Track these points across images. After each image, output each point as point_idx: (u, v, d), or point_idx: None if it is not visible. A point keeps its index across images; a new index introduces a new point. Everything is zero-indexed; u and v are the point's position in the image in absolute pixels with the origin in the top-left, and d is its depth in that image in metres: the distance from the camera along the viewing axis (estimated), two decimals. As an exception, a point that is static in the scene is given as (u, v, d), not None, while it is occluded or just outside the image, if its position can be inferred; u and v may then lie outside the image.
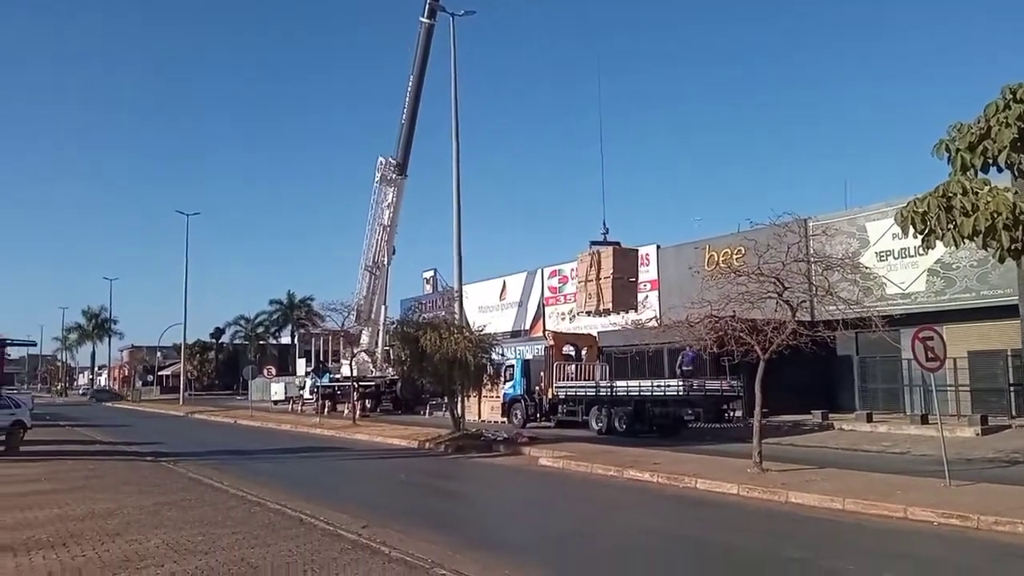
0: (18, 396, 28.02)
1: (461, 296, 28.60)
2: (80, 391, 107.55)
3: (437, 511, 13.16)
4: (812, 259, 15.80)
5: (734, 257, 29.04)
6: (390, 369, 37.33)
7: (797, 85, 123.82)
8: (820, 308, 17.43)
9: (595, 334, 32.26)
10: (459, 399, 25.09)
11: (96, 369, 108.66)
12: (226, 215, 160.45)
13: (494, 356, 25.77)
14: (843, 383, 29.13)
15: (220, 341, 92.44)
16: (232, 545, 8.95)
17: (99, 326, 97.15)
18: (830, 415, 25.95)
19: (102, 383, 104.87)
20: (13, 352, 39.13)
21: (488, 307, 48.46)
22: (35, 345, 64.56)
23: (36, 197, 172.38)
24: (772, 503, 12.30)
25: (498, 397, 30.99)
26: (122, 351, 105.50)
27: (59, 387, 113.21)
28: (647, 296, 35.82)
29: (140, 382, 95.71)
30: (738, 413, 24.71)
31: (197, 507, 11.83)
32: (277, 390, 56.22)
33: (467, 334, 23.71)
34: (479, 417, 31.19)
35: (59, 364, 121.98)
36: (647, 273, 37.44)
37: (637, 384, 25.61)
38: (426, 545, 9.20)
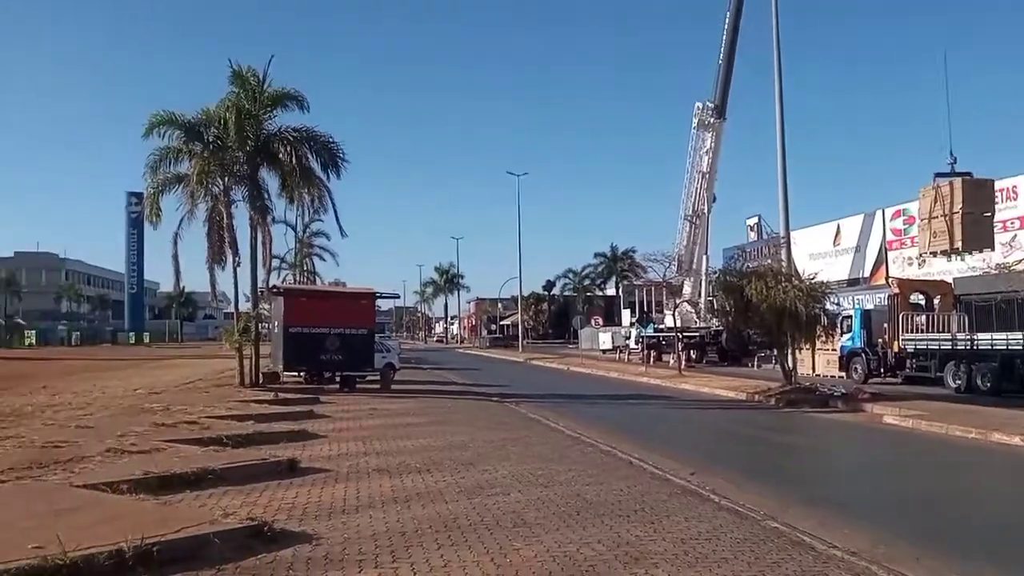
0: (388, 342, 32.42)
1: (789, 242, 27.08)
2: (435, 338, 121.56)
3: (767, 464, 12.77)
4: None
5: None
6: (714, 320, 36.72)
7: None
8: None
9: (950, 280, 28.64)
10: (789, 351, 23.90)
11: (448, 319, 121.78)
12: (554, 171, 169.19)
13: (828, 306, 24.07)
14: None
15: (551, 293, 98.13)
16: (569, 480, 9.53)
17: (449, 281, 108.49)
18: None
19: (454, 332, 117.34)
20: (382, 304, 45.21)
21: (820, 254, 45.38)
22: (399, 298, 74.16)
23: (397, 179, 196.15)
24: None
25: (834, 350, 29.00)
26: (469, 303, 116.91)
27: (420, 335, 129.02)
28: (1015, 236, 30.86)
29: (485, 331, 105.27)
30: None
31: (537, 444, 12.77)
32: (605, 339, 58.32)
33: (796, 283, 22.44)
34: (812, 371, 29.51)
35: (419, 315, 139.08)
36: (1015, 209, 32.23)
37: (1004, 337, 22.28)
38: (756, 497, 9.00)
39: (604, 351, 55.71)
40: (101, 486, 7.85)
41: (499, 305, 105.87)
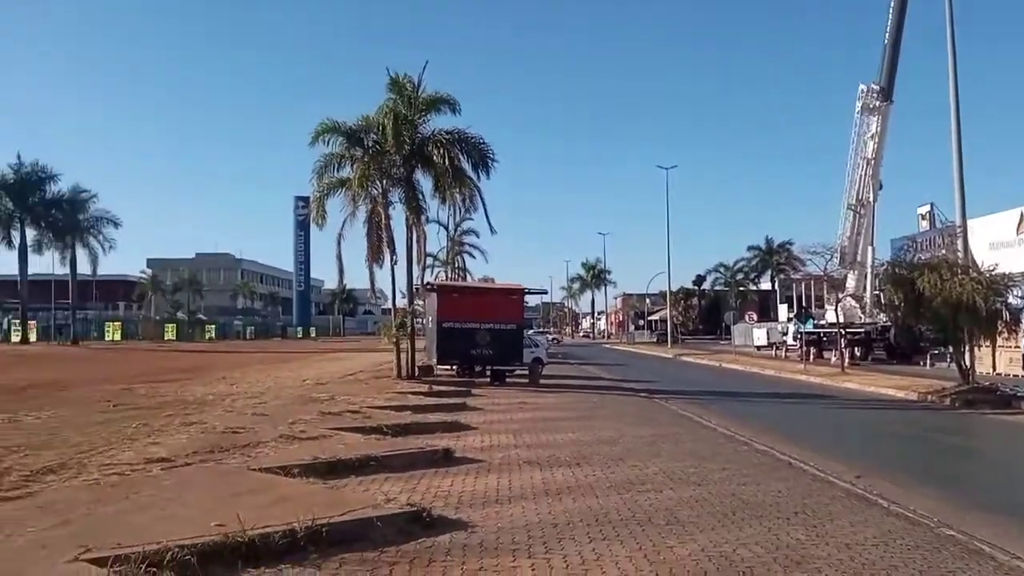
0: (537, 337, 32.79)
1: (965, 231, 25.02)
2: (581, 333, 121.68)
3: (940, 468, 11.88)
4: None
5: None
6: (881, 315, 34.50)
7: None
8: None
9: None
10: (966, 348, 22.09)
11: (595, 314, 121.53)
12: (705, 164, 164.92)
13: (1011, 300, 22.06)
14: None
15: (701, 288, 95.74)
16: (723, 480, 9.28)
17: (596, 276, 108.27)
18: None
19: (600, 327, 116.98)
20: (530, 300, 45.70)
21: (1002, 243, 41.57)
22: (546, 293, 74.74)
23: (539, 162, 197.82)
24: None
25: (1018, 347, 26.58)
26: (616, 298, 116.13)
27: (567, 330, 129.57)
28: None
29: (632, 326, 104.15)
30: None
31: (688, 441, 12.52)
32: (759, 335, 56.30)
33: (974, 275, 20.71)
34: (993, 370, 27.14)
35: (565, 310, 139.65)
36: None
37: None
38: (928, 502, 8.42)
39: (758, 347, 53.83)
40: (275, 470, 8.43)
41: (647, 300, 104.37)
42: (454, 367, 24.93)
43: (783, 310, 66.53)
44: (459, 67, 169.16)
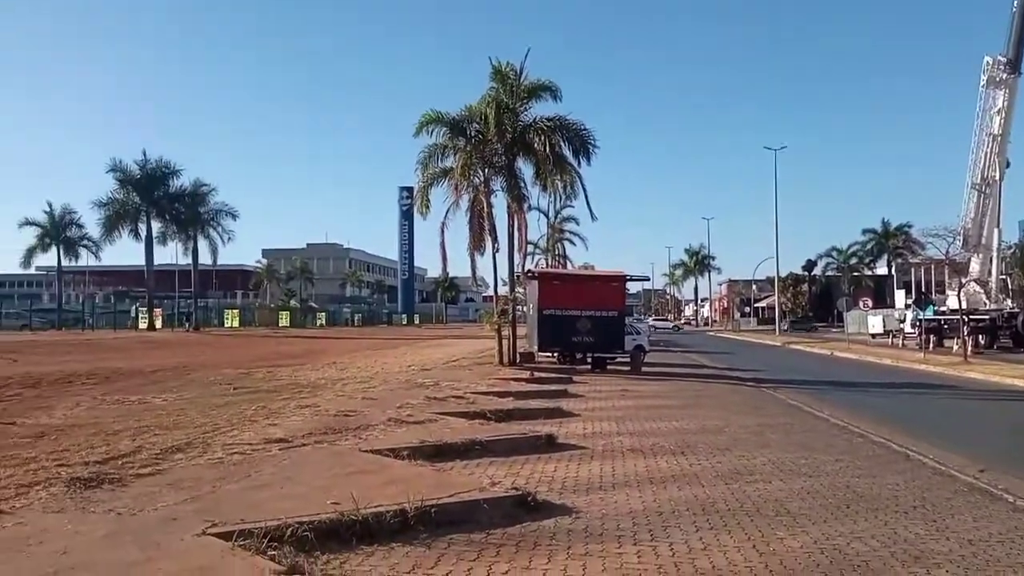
0: (638, 324, 32.48)
1: (1108, 210, 23.16)
2: (683, 321, 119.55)
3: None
4: None
5: None
6: (1007, 301, 32.51)
7: None
8: None
9: None
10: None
11: (699, 301, 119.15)
12: (815, 145, 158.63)
13: None
14: None
15: (812, 273, 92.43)
16: (836, 471, 8.97)
17: (699, 262, 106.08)
18: None
19: (704, 314, 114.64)
20: (632, 287, 45.26)
21: None
22: (648, 280, 73.62)
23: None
24: None
25: None
26: (720, 284, 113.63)
27: (669, 317, 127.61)
28: None
29: (738, 313, 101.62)
30: None
31: (798, 432, 12.15)
32: (874, 323, 53.91)
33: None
34: None
35: (667, 297, 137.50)
36: None
37: None
38: (1063, 500, 7.88)
39: (873, 335, 51.54)
40: (385, 452, 8.71)
41: (753, 287, 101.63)
42: (555, 354, 25.02)
43: (900, 296, 63.46)
44: (559, 52, 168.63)
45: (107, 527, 5.61)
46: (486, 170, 23.63)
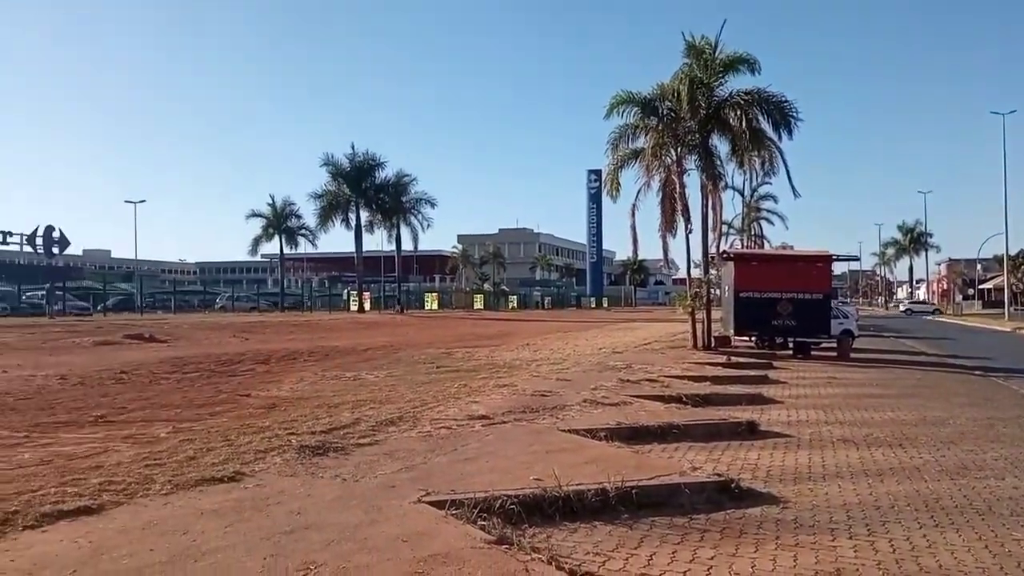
0: (846, 308, 30.47)
1: None
2: (895, 304, 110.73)
3: None
4: None
5: None
6: None
7: None
8: None
9: None
10: None
11: (913, 283, 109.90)
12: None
13: None
14: None
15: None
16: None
17: (914, 240, 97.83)
18: None
19: (919, 296, 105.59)
20: (836, 267, 42.61)
21: None
22: (858, 260, 69.08)
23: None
24: None
25: None
26: (939, 264, 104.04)
27: (880, 300, 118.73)
28: None
29: (960, 296, 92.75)
30: None
31: (1035, 427, 10.92)
32: None
33: None
34: None
35: (877, 278, 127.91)
36: None
37: None
38: None
39: None
40: (582, 432, 8.82)
41: (978, 266, 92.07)
42: (752, 338, 24.09)
43: None
44: (754, 24, 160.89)
45: (334, 492, 6.12)
46: (678, 149, 23.09)
